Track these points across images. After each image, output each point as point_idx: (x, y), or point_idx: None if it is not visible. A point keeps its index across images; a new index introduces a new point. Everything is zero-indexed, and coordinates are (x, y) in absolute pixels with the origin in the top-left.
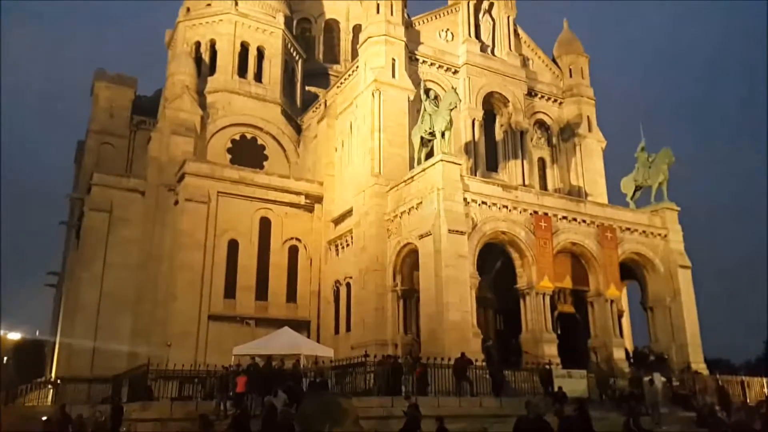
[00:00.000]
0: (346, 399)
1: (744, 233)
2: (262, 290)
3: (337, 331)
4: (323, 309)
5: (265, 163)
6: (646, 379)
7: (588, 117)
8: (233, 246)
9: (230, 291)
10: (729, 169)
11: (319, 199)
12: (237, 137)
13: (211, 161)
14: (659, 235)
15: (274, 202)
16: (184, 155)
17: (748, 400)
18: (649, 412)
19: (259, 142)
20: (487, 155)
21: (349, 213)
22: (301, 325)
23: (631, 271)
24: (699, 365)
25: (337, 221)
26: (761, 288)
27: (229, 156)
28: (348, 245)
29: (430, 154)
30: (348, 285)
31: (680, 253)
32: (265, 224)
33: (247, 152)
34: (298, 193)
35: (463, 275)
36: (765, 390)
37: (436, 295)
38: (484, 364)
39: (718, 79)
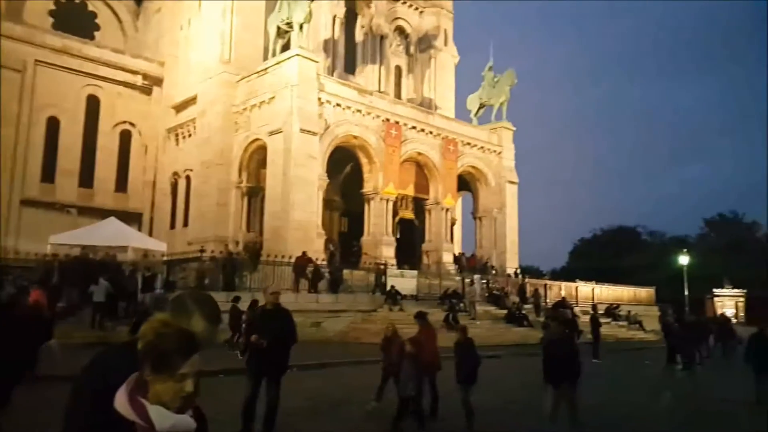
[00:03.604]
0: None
1: (572, 151)
2: (87, 176)
3: (173, 226)
4: (158, 201)
5: (96, 33)
6: (467, 280)
7: (445, 30)
8: (53, 124)
9: (49, 174)
10: (567, 91)
11: (159, 82)
12: None
13: (28, 24)
14: (494, 151)
15: (105, 79)
16: None
17: (547, 300)
18: (467, 309)
19: (90, 8)
20: (346, 57)
21: (193, 100)
22: (131, 217)
23: (466, 183)
24: (514, 270)
25: (180, 108)
26: (574, 205)
27: (51, 20)
28: (190, 135)
29: (286, 47)
30: (188, 178)
31: (510, 170)
32: (93, 103)
33: (75, 19)
34: (134, 72)
35: (312, 176)
36: (561, 292)
37: (283, 194)
38: (324, 262)
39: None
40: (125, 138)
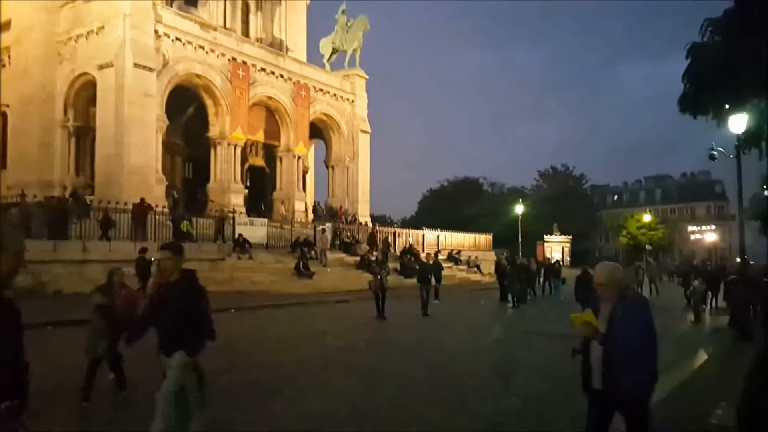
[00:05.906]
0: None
1: (425, 104)
2: None
3: None
4: None
5: None
6: (320, 228)
7: None
8: None
9: None
10: (423, 40)
11: None
12: None
13: None
14: (348, 99)
15: None
16: None
17: (396, 247)
18: (318, 256)
19: None
20: None
21: (7, 25)
22: None
23: (319, 131)
24: (365, 218)
25: None
26: (432, 154)
27: None
28: (4, 66)
29: None
30: (4, 114)
31: (363, 119)
32: None
33: None
34: None
35: (149, 116)
36: (409, 239)
37: (116, 135)
38: (166, 210)
39: None
40: None
